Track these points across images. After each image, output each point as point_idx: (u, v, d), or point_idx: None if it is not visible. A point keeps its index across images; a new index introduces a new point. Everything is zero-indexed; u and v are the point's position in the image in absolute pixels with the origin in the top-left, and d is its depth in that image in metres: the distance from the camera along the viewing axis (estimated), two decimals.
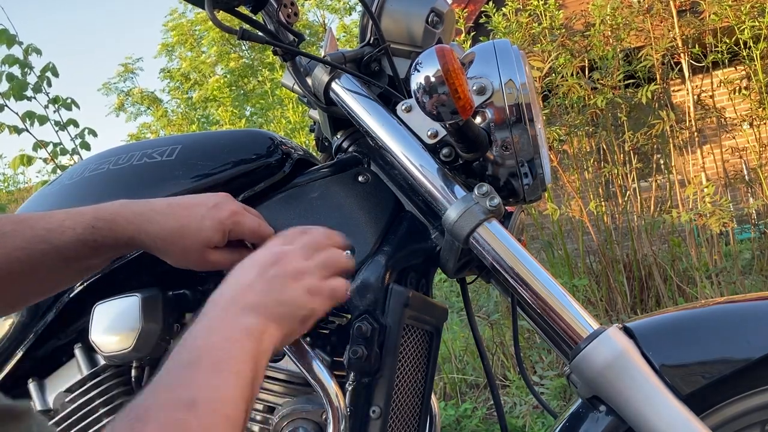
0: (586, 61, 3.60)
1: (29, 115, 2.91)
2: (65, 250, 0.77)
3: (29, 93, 2.92)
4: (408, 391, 0.90)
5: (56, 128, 3.00)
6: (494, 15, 3.88)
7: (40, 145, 2.98)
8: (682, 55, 3.61)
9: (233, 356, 0.59)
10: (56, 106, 2.99)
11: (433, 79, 0.76)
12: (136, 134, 13.79)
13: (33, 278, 0.78)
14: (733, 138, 3.86)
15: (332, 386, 0.78)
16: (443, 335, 1.18)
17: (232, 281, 0.69)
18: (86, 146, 3.07)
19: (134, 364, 0.90)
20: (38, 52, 2.98)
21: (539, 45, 3.60)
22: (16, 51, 2.92)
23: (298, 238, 0.76)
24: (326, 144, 1.11)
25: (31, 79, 2.94)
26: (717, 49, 3.59)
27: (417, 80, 0.78)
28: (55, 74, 2.98)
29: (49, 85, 2.96)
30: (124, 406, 0.54)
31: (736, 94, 3.70)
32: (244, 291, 0.67)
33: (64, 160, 3.07)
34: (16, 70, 2.91)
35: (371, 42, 0.98)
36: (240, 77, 13.10)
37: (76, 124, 3.06)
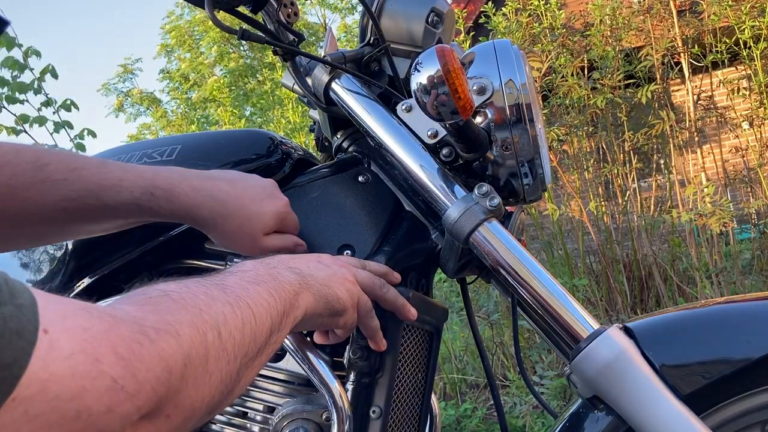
0: (586, 61, 3.60)
1: (24, 119, 2.91)
2: (117, 210, 0.77)
3: (21, 96, 2.92)
4: (408, 391, 0.90)
5: (50, 131, 2.99)
6: (494, 15, 3.87)
7: (37, 146, 2.97)
8: (682, 55, 3.61)
9: (272, 285, 0.62)
10: (55, 107, 2.99)
11: (433, 79, 0.76)
12: (135, 135, 13.80)
13: (72, 227, 0.78)
14: (737, 137, 3.86)
15: (336, 387, 0.78)
16: (443, 335, 1.18)
17: (288, 255, 0.73)
18: (81, 148, 3.07)
19: None
20: (38, 54, 2.98)
21: (539, 45, 3.60)
22: (16, 53, 2.92)
23: (365, 264, 0.81)
24: (326, 144, 1.11)
25: (27, 78, 2.94)
26: (717, 48, 3.59)
27: (417, 80, 0.78)
28: (55, 76, 2.98)
29: (40, 87, 2.96)
30: None
31: (735, 94, 3.70)
32: (297, 260, 0.71)
33: None
34: (7, 74, 2.90)
35: (371, 42, 0.98)
36: (240, 77, 13.10)
37: (70, 126, 3.05)
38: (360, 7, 0.99)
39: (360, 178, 0.95)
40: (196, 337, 0.48)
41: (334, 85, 0.95)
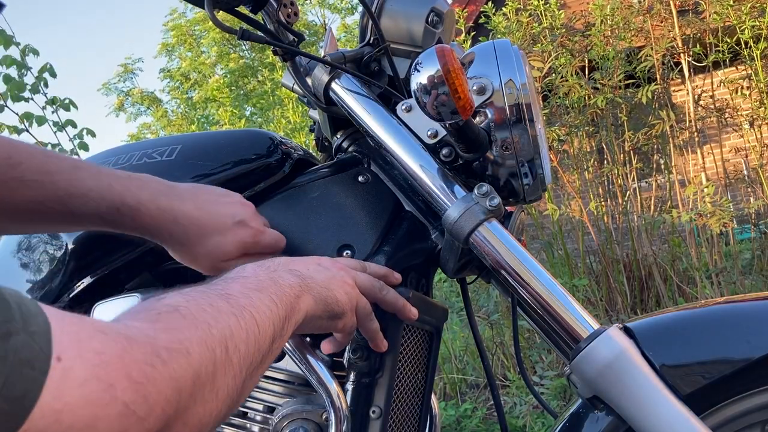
0: (586, 61, 3.60)
1: (27, 116, 2.90)
2: (82, 218, 0.77)
3: (26, 94, 2.90)
4: (408, 391, 0.90)
5: (54, 129, 2.99)
6: (494, 15, 3.87)
7: (39, 145, 2.97)
8: (682, 55, 3.61)
9: (274, 290, 0.62)
10: (54, 107, 2.98)
11: (433, 79, 0.76)
12: (136, 134, 13.81)
13: (36, 225, 0.79)
14: (741, 137, 3.86)
15: (334, 387, 0.78)
16: (443, 335, 1.18)
17: (287, 257, 0.73)
18: (85, 147, 3.06)
19: None
20: (35, 52, 2.96)
21: (539, 45, 3.60)
22: (13, 52, 2.91)
23: (365, 266, 0.81)
24: (326, 144, 1.11)
25: (29, 79, 2.93)
26: (718, 48, 3.59)
27: (417, 80, 0.78)
28: (53, 75, 2.97)
29: (46, 85, 2.95)
30: None
31: (737, 94, 3.70)
32: (296, 262, 0.71)
33: None
34: (13, 72, 2.90)
35: (371, 42, 0.98)
36: (240, 77, 13.09)
37: (74, 125, 3.04)
38: (360, 7, 0.99)
39: (360, 178, 0.95)
40: (206, 354, 0.48)
41: (334, 85, 0.95)
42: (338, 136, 1.03)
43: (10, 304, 0.38)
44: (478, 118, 0.88)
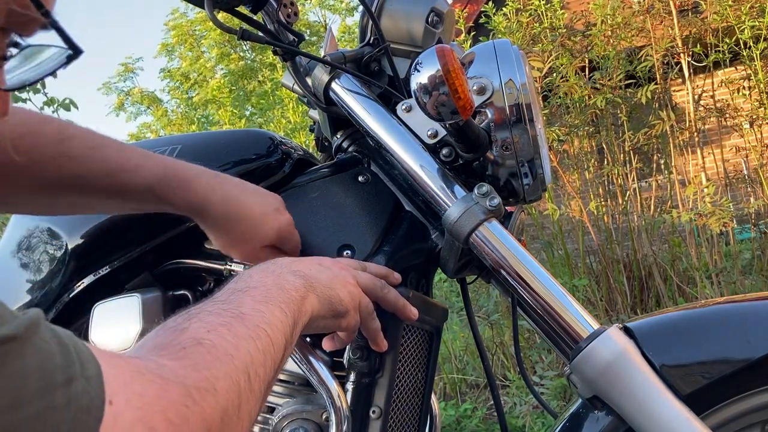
0: (587, 61, 3.60)
1: None
2: (132, 192, 0.80)
3: (25, 95, 2.91)
4: (408, 391, 0.90)
5: None
6: (494, 15, 3.87)
7: None
8: (682, 55, 3.61)
9: (282, 298, 0.63)
10: (54, 106, 2.98)
11: (433, 79, 0.76)
12: (136, 134, 13.79)
13: (84, 201, 0.81)
14: (741, 137, 3.86)
15: (334, 387, 0.78)
16: (443, 335, 1.18)
17: (289, 258, 0.74)
18: None
19: None
20: None
21: (539, 45, 3.60)
22: None
23: (365, 266, 0.82)
24: (326, 144, 1.11)
25: None
26: (718, 48, 3.59)
27: (417, 80, 0.78)
28: (53, 74, 2.97)
29: (44, 86, 2.95)
30: None
31: (737, 94, 3.70)
32: (298, 263, 0.72)
33: None
34: None
35: (371, 42, 0.98)
36: (240, 77, 13.08)
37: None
38: (360, 7, 0.99)
39: (360, 178, 0.95)
40: (231, 388, 0.50)
41: (334, 85, 0.95)
42: (338, 136, 1.03)
43: (69, 348, 0.40)
44: (478, 118, 0.88)
